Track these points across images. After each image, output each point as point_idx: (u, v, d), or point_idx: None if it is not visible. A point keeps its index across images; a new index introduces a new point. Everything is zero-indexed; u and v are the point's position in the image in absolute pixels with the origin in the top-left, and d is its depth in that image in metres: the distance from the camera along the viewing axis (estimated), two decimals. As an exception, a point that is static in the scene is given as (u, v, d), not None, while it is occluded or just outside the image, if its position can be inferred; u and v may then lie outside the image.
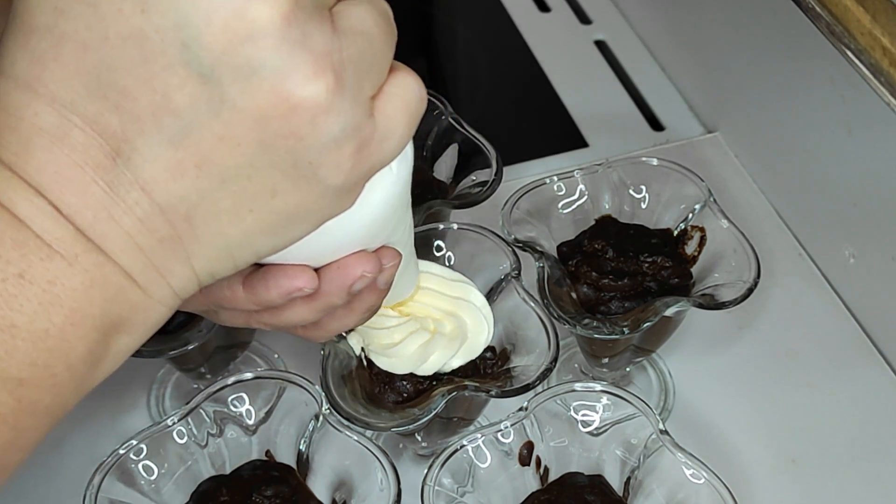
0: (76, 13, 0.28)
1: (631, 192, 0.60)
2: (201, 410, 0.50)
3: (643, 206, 0.60)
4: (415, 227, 0.55)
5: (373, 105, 0.32)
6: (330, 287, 0.37)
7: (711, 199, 0.58)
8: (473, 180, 0.60)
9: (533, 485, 0.52)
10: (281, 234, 0.33)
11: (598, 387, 0.51)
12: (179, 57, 0.28)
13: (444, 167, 0.63)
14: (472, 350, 0.50)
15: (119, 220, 0.30)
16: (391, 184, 0.35)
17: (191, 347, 0.52)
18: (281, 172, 0.31)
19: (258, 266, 0.37)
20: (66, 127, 0.29)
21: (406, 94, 0.33)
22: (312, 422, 0.50)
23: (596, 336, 0.53)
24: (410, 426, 0.48)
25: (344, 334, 0.51)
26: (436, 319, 0.49)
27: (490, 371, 0.52)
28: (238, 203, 0.31)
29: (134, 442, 0.48)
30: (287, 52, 0.28)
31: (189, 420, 0.50)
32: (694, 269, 0.57)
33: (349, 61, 0.30)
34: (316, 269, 0.37)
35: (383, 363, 0.49)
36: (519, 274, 0.53)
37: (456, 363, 0.50)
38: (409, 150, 0.36)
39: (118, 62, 0.28)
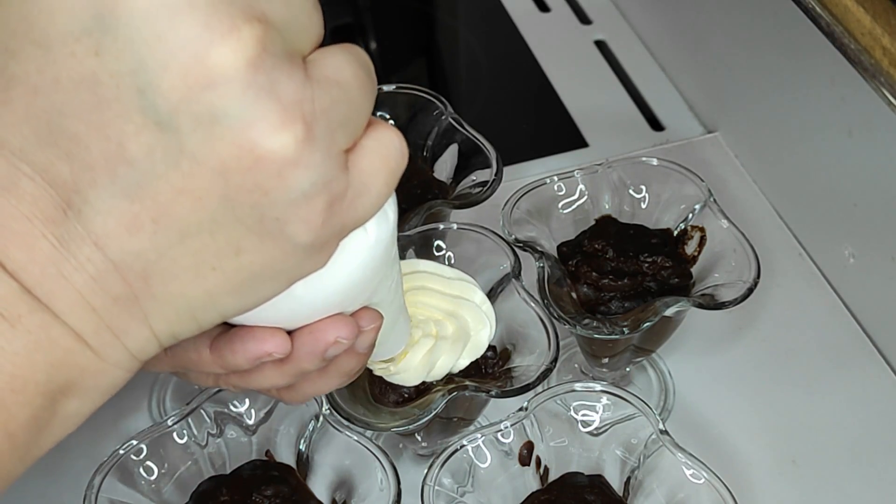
0: (27, 55, 0.26)
1: (631, 192, 0.60)
2: (201, 410, 0.50)
3: (643, 206, 0.60)
4: (415, 227, 0.56)
5: (347, 159, 0.30)
6: (302, 352, 0.35)
7: (711, 199, 0.58)
8: (473, 180, 0.60)
9: (533, 485, 0.52)
10: (247, 294, 0.30)
11: (598, 387, 0.51)
12: (135, 103, 0.26)
13: (444, 167, 0.63)
14: (476, 349, 0.50)
15: (69, 278, 0.28)
16: (368, 247, 0.33)
17: (191, 347, 0.52)
18: (246, 228, 0.28)
19: (227, 326, 0.35)
20: (14, 176, 0.27)
21: (384, 149, 0.31)
22: (312, 422, 0.50)
23: (596, 336, 0.53)
24: (411, 426, 0.48)
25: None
26: (437, 321, 0.49)
27: (491, 371, 0.52)
28: (199, 261, 0.29)
29: (134, 442, 0.48)
30: (252, 99, 0.26)
31: (189, 420, 0.50)
32: (694, 269, 0.57)
33: (322, 112, 0.28)
34: (289, 332, 0.35)
35: (395, 379, 0.49)
36: (519, 274, 0.53)
37: (463, 363, 0.50)
38: (390, 212, 0.34)
39: (70, 107, 0.26)
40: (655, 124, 0.82)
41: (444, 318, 0.49)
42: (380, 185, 0.31)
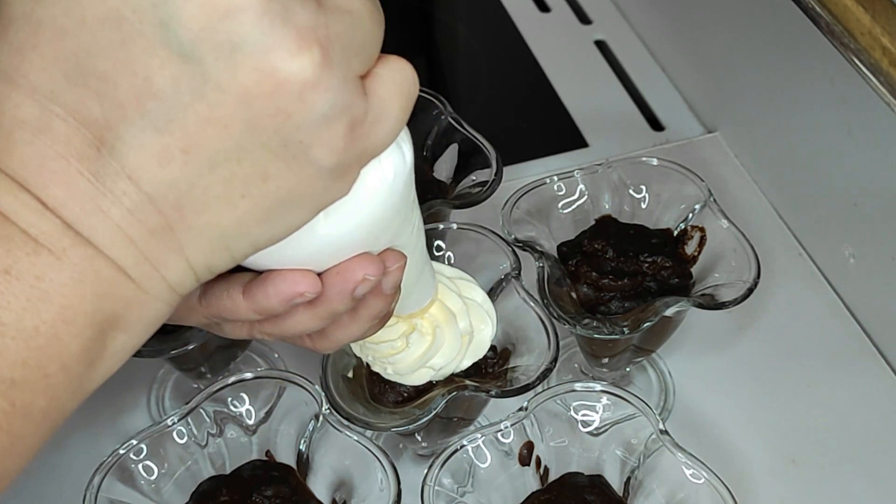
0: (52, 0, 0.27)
1: (631, 192, 0.60)
2: (201, 410, 0.50)
3: (643, 206, 0.60)
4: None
5: (364, 86, 0.31)
6: (332, 292, 0.36)
7: (711, 199, 0.58)
8: (473, 180, 0.60)
9: (533, 485, 0.52)
10: (276, 221, 0.31)
11: (598, 387, 0.51)
12: (158, 37, 0.27)
13: (444, 167, 0.63)
14: (478, 348, 0.50)
15: (107, 212, 0.29)
16: (387, 182, 0.34)
17: (191, 347, 0.52)
18: (271, 154, 0.29)
19: (258, 274, 0.36)
20: (47, 118, 0.28)
21: (398, 76, 0.32)
22: (312, 422, 0.50)
23: (596, 336, 0.53)
24: (410, 426, 0.48)
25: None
26: (438, 323, 0.49)
27: (491, 371, 0.52)
28: (229, 188, 0.30)
29: (134, 442, 0.48)
30: (269, 26, 0.27)
31: (189, 420, 0.50)
32: (694, 269, 0.57)
33: (336, 37, 0.29)
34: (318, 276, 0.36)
35: (407, 380, 0.49)
36: (519, 274, 0.53)
37: (466, 363, 0.50)
38: (406, 149, 0.34)
39: (96, 46, 0.27)
40: (655, 124, 0.82)
41: (446, 319, 0.49)
42: (396, 110, 0.32)
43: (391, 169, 0.34)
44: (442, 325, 0.48)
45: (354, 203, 0.33)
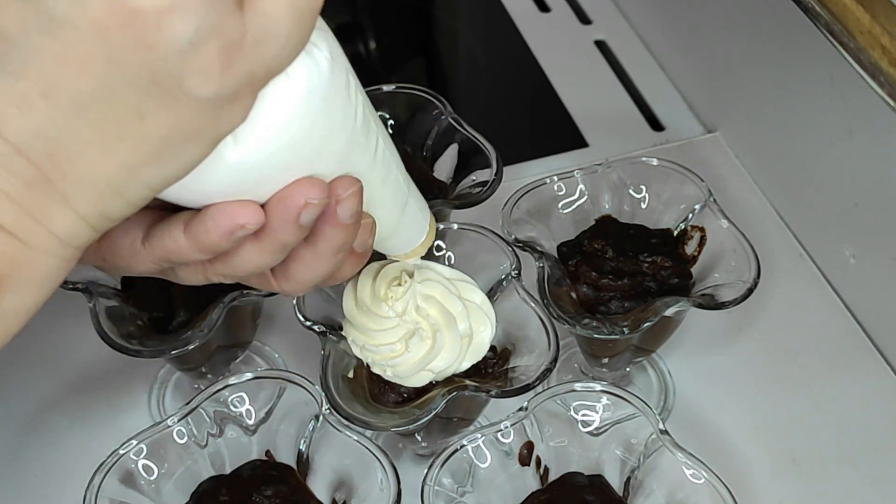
0: None
1: (631, 192, 0.60)
2: (201, 410, 0.50)
3: (643, 206, 0.60)
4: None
5: (242, 1, 0.28)
6: (275, 220, 0.33)
7: (711, 199, 0.58)
8: (473, 180, 0.60)
9: (533, 485, 0.52)
10: (168, 161, 0.29)
11: (598, 387, 0.51)
12: None
13: (444, 167, 0.63)
14: (478, 350, 0.50)
15: None
16: (297, 96, 0.31)
17: (191, 347, 0.52)
18: (141, 91, 0.27)
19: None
20: None
21: None
22: (312, 422, 0.50)
23: (596, 336, 0.53)
24: (410, 426, 0.48)
25: (345, 335, 0.51)
26: (438, 326, 0.49)
27: (491, 371, 0.52)
28: (103, 132, 0.28)
29: (134, 442, 0.48)
30: None
31: (189, 420, 0.50)
32: (694, 269, 0.57)
33: None
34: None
35: (407, 382, 0.49)
36: (519, 274, 0.53)
37: (466, 365, 0.50)
38: (322, 60, 0.31)
39: None
40: (655, 124, 0.82)
41: (447, 320, 0.49)
42: (287, 27, 0.29)
43: (303, 83, 0.31)
44: (442, 328, 0.48)
45: (265, 126, 0.31)
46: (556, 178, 0.59)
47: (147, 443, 0.49)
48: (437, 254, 0.56)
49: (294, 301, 0.51)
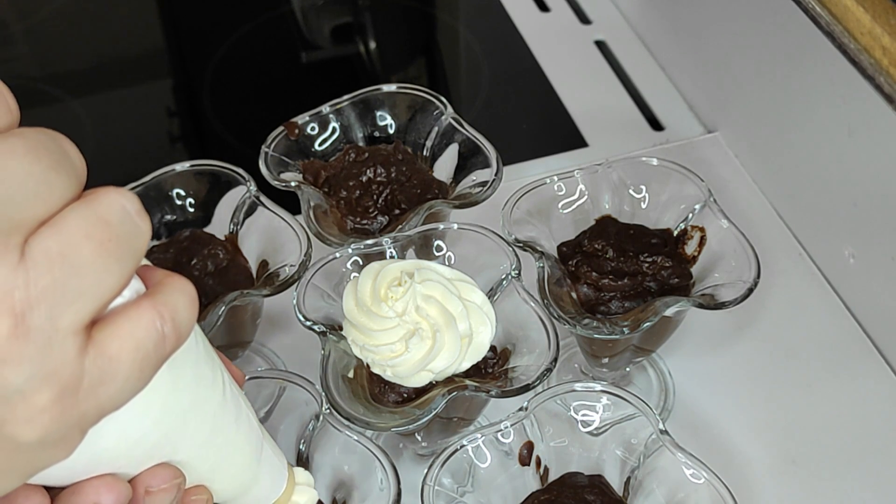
0: None
1: (631, 192, 0.60)
2: (201, 410, 0.50)
3: (643, 206, 0.60)
4: (415, 227, 0.55)
5: (90, 340, 0.27)
6: None
7: (711, 199, 0.58)
8: (473, 180, 0.60)
9: (533, 485, 0.52)
10: None
11: (598, 387, 0.51)
12: None
13: (444, 167, 0.63)
14: (477, 351, 0.50)
15: None
16: (117, 429, 0.30)
17: (191, 347, 0.52)
18: None
19: None
20: None
21: (138, 331, 0.28)
22: (312, 422, 0.50)
23: (596, 336, 0.53)
24: (411, 426, 0.48)
25: (345, 335, 0.51)
26: (438, 326, 0.49)
27: (491, 371, 0.52)
28: None
29: (134, 442, 0.48)
30: None
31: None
32: (694, 269, 0.57)
33: (42, 294, 0.25)
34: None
35: (407, 382, 0.49)
36: (519, 274, 0.53)
37: (466, 365, 0.50)
38: (161, 385, 0.30)
39: None
40: (655, 124, 0.82)
41: (446, 321, 0.49)
42: (128, 370, 0.27)
43: (125, 415, 0.29)
44: (442, 328, 0.48)
45: (88, 441, 0.29)
46: (556, 178, 0.59)
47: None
48: (437, 254, 0.56)
49: (294, 301, 0.51)
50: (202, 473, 0.35)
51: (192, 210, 0.61)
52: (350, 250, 0.54)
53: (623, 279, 0.56)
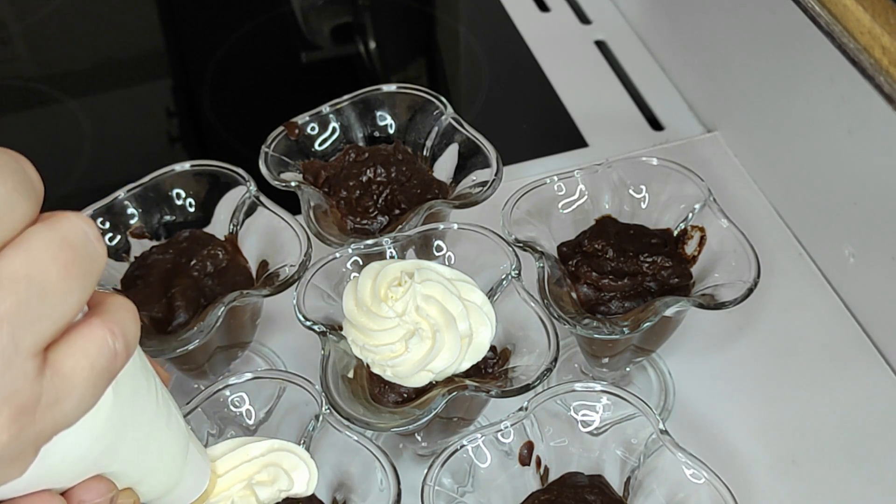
0: None
1: (631, 191, 0.60)
2: (201, 410, 0.50)
3: (643, 206, 0.60)
4: (415, 227, 0.55)
5: (46, 360, 0.27)
6: None
7: (711, 199, 0.58)
8: (473, 180, 0.60)
9: (533, 485, 0.52)
10: None
11: (598, 387, 0.51)
12: None
13: (444, 167, 0.63)
14: (477, 351, 0.50)
15: None
16: (67, 445, 0.30)
17: (191, 347, 0.52)
18: None
19: None
20: None
21: (92, 349, 0.28)
22: (312, 422, 0.50)
23: (596, 336, 0.53)
24: (411, 426, 0.48)
25: (345, 335, 0.51)
26: (438, 326, 0.49)
27: (491, 371, 0.52)
28: None
29: (134, 442, 0.48)
30: None
31: (189, 420, 0.50)
32: (694, 269, 0.57)
33: (5, 316, 0.25)
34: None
35: (407, 383, 0.49)
36: (519, 274, 0.53)
37: (465, 365, 0.50)
38: (103, 403, 0.30)
39: None
40: (655, 124, 0.82)
41: (446, 321, 0.49)
42: (81, 388, 0.28)
43: (73, 432, 0.30)
44: (442, 328, 0.48)
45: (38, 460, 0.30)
46: (556, 178, 0.59)
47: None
48: (437, 254, 0.56)
49: (294, 301, 0.51)
50: (132, 478, 0.36)
51: (191, 210, 0.61)
52: (350, 250, 0.54)
53: (623, 279, 0.56)
